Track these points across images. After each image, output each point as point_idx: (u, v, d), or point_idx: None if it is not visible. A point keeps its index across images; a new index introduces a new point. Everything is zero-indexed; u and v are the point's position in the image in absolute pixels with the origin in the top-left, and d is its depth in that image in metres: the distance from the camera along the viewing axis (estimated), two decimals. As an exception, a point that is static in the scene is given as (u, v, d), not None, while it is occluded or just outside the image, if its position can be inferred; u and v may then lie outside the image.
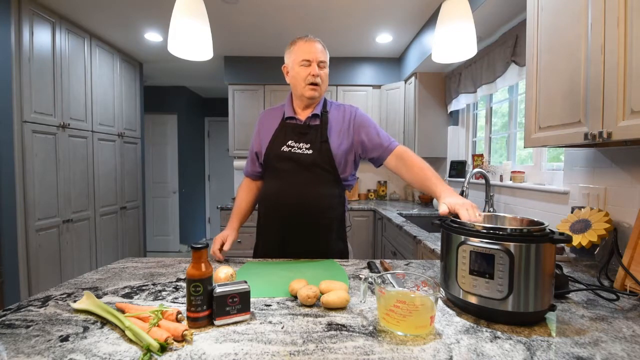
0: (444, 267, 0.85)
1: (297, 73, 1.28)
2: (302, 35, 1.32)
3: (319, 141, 1.28)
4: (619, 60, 0.91)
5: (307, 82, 1.27)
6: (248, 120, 3.62)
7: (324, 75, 1.29)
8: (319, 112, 1.32)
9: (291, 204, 1.28)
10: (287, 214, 1.29)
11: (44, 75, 2.39)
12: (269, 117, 1.40)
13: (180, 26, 1.37)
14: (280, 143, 1.30)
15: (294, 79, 1.31)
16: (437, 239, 1.81)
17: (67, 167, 2.63)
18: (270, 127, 1.36)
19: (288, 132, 1.31)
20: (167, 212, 4.99)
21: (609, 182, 1.34)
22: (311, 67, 1.26)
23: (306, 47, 1.27)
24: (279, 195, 1.30)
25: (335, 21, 2.79)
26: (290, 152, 1.28)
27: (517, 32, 1.97)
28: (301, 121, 1.32)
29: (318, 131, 1.29)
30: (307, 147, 1.28)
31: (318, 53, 1.27)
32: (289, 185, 1.29)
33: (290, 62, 1.31)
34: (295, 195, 1.28)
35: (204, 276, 0.72)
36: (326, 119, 1.32)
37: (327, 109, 1.35)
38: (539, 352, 0.62)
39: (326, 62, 1.31)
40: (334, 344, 0.65)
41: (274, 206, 1.32)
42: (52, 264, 2.48)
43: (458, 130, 3.05)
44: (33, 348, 0.63)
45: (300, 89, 1.29)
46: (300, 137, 1.30)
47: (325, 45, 1.33)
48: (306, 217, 1.28)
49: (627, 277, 0.95)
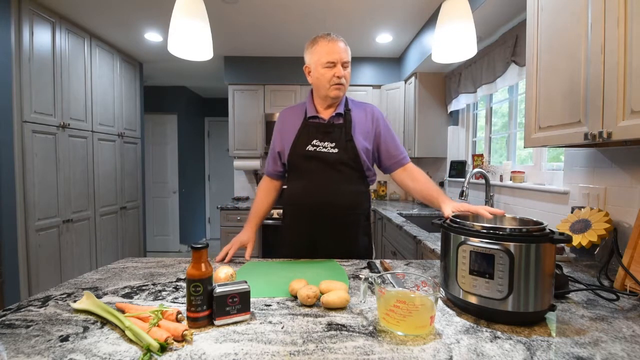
0: (444, 267, 0.85)
1: (322, 75, 1.27)
2: (324, 34, 1.28)
3: (344, 140, 1.28)
4: (619, 60, 0.91)
5: (332, 83, 1.26)
6: (248, 120, 3.62)
7: (347, 75, 1.28)
8: (342, 111, 1.31)
9: (318, 203, 1.28)
10: (314, 213, 1.29)
11: (44, 75, 2.39)
12: (290, 115, 1.39)
13: (180, 26, 1.37)
14: (304, 143, 1.30)
15: (317, 80, 1.29)
16: (437, 239, 1.80)
17: (67, 167, 2.63)
18: (293, 126, 1.35)
19: (312, 131, 1.31)
20: (167, 212, 4.99)
21: (609, 182, 1.34)
22: (336, 69, 1.25)
23: (329, 48, 1.25)
24: (306, 195, 1.30)
25: (335, 21, 2.79)
26: (315, 152, 1.28)
27: (517, 32, 1.96)
28: (324, 120, 1.32)
29: (342, 130, 1.29)
30: (332, 145, 1.28)
31: (342, 53, 1.25)
32: (315, 184, 1.29)
33: (313, 62, 1.29)
34: (323, 194, 1.28)
35: (204, 276, 0.72)
36: (350, 117, 1.32)
37: (349, 107, 1.35)
38: (539, 352, 0.62)
39: (349, 61, 1.29)
40: (334, 344, 0.65)
41: (301, 207, 1.32)
42: (52, 264, 2.48)
43: (458, 130, 3.05)
44: (33, 348, 0.63)
45: (324, 90, 1.28)
46: (324, 136, 1.29)
47: (346, 42, 1.30)
48: (334, 215, 1.29)
49: (627, 277, 0.95)
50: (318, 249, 1.30)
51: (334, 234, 1.30)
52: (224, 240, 3.24)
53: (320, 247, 1.30)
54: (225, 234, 3.25)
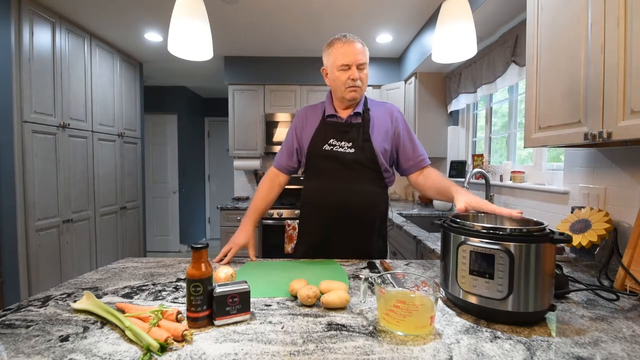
0: (444, 267, 0.85)
1: (337, 77, 1.26)
2: (340, 36, 1.27)
3: (362, 139, 1.27)
4: (619, 60, 0.91)
5: (347, 85, 1.25)
6: (248, 120, 3.62)
7: (364, 76, 1.27)
8: (360, 111, 1.31)
9: (334, 202, 1.27)
10: (330, 213, 1.28)
11: (44, 75, 2.39)
12: (309, 113, 1.38)
13: (180, 26, 1.37)
14: (321, 141, 1.29)
15: (333, 82, 1.29)
16: (437, 239, 1.81)
17: (67, 167, 2.63)
18: (311, 124, 1.34)
19: (329, 130, 1.30)
20: (167, 212, 4.99)
21: (609, 182, 1.34)
22: (351, 71, 1.24)
23: (344, 50, 1.24)
24: (322, 194, 1.30)
25: (335, 21, 2.79)
26: (332, 151, 1.28)
27: (517, 32, 1.96)
28: (342, 119, 1.31)
29: (360, 129, 1.28)
30: (349, 145, 1.27)
31: (357, 55, 1.24)
32: (331, 184, 1.28)
33: (329, 65, 1.29)
34: (338, 193, 1.27)
35: (204, 276, 0.72)
36: (368, 116, 1.31)
37: (368, 106, 1.34)
38: (539, 352, 0.62)
39: (366, 62, 1.26)
40: (334, 344, 0.65)
41: (317, 206, 1.32)
42: (52, 264, 2.48)
43: (458, 130, 3.05)
44: (33, 348, 0.63)
45: (340, 92, 1.28)
46: (342, 136, 1.29)
47: (364, 43, 1.28)
48: (350, 216, 1.28)
49: (627, 277, 0.95)
50: (332, 249, 1.29)
51: (348, 234, 1.29)
52: (224, 240, 3.24)
53: (335, 247, 1.29)
54: (225, 234, 3.25)
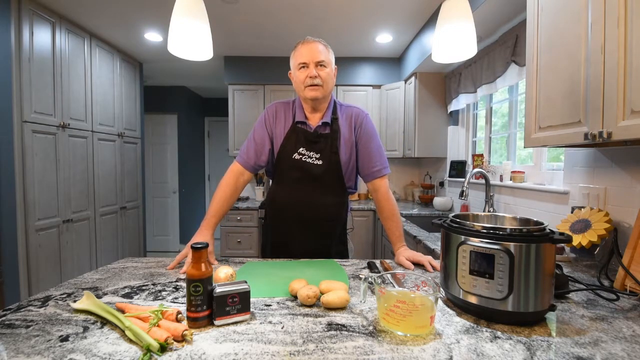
0: (444, 267, 0.85)
1: (297, 77, 1.28)
2: (304, 39, 1.29)
3: (329, 152, 1.29)
4: (619, 60, 0.91)
5: (306, 84, 1.25)
6: (248, 120, 3.62)
7: (324, 75, 1.25)
8: (329, 120, 1.31)
9: (298, 211, 1.33)
10: (293, 219, 1.35)
11: (44, 75, 2.39)
12: (279, 112, 1.35)
13: (180, 26, 1.37)
14: (291, 149, 1.30)
15: (295, 83, 1.30)
16: (437, 239, 1.81)
17: (67, 167, 2.63)
18: (282, 125, 1.33)
19: (299, 137, 1.31)
20: (167, 212, 4.99)
21: (609, 182, 1.34)
22: (308, 69, 1.24)
23: (303, 50, 1.26)
24: (288, 201, 1.34)
25: (335, 21, 2.79)
26: (301, 161, 1.30)
27: (517, 32, 1.96)
28: (312, 128, 1.31)
29: (328, 140, 1.30)
30: (317, 157, 1.29)
31: (315, 53, 1.24)
32: (297, 195, 1.32)
33: (292, 67, 1.31)
34: (303, 203, 1.32)
35: (204, 276, 0.72)
36: (337, 126, 1.32)
37: (337, 114, 1.34)
38: (539, 352, 0.62)
39: (327, 60, 1.26)
40: (334, 344, 0.65)
41: (282, 210, 1.37)
42: (52, 264, 2.48)
43: (458, 130, 3.05)
44: (33, 348, 0.63)
45: (301, 92, 1.29)
46: (311, 146, 1.30)
47: (327, 45, 1.29)
48: (311, 224, 1.34)
49: (627, 277, 0.95)
50: (294, 252, 1.33)
51: (308, 239, 1.35)
52: (224, 240, 3.24)
53: (294, 249, 1.35)
54: (225, 234, 3.25)
